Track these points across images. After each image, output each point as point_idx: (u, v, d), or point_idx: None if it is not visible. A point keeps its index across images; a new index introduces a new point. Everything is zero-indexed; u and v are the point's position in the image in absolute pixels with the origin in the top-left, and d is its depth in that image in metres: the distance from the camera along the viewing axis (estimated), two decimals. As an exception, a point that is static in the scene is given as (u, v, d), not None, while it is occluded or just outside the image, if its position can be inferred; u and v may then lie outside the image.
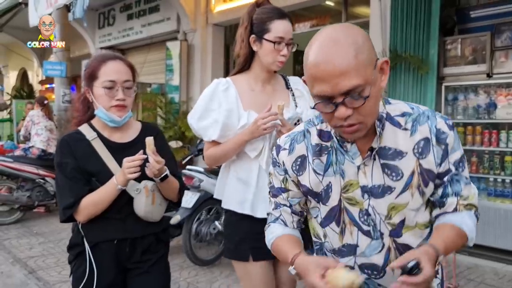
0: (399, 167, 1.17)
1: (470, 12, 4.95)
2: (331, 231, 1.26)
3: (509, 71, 4.53)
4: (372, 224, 1.21)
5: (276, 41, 1.90)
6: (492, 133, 4.63)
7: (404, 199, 1.19)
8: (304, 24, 6.95)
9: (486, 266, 4.36)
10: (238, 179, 1.98)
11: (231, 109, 1.94)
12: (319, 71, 1.05)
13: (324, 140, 1.24)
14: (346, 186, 1.21)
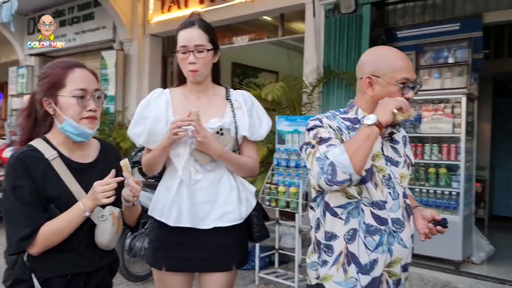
0: (398, 149, 1.70)
1: (397, 32, 5.25)
2: (370, 186, 1.58)
3: (432, 88, 4.84)
4: (392, 187, 1.62)
5: (180, 51, 1.93)
6: (418, 146, 4.91)
7: (405, 171, 1.70)
8: (242, 38, 7.04)
9: (413, 272, 4.58)
10: (164, 187, 2.00)
11: (158, 115, 1.96)
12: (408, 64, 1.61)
13: (353, 123, 1.65)
14: (374, 156, 1.60)
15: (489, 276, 4.52)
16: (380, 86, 1.59)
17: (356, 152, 1.45)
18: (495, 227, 6.63)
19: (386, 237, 1.59)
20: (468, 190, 4.87)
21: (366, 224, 1.58)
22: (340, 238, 1.61)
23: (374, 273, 1.58)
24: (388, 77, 1.57)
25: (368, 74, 1.61)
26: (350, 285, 1.59)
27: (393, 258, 1.59)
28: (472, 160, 5.01)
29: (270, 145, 5.00)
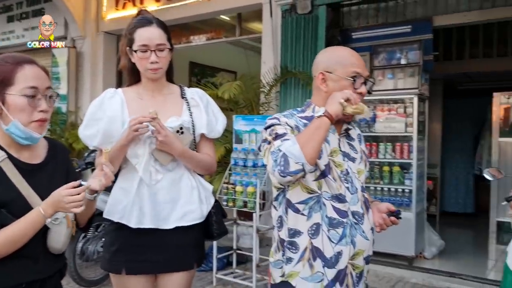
0: (354, 145, 1.75)
1: (352, 33, 5.35)
2: (329, 180, 1.63)
3: (385, 89, 4.97)
4: (350, 181, 1.67)
5: (140, 50, 1.89)
6: (373, 145, 5.03)
7: (362, 167, 1.76)
8: (199, 37, 6.97)
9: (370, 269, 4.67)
10: (121, 188, 1.94)
11: (114, 116, 1.90)
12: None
13: (310, 121, 1.60)
14: (331, 152, 1.65)
15: (440, 270, 4.68)
16: (333, 81, 1.65)
17: (307, 142, 1.49)
18: (446, 222, 6.89)
19: (349, 229, 1.63)
20: (420, 187, 5.03)
21: (328, 217, 1.62)
22: (304, 234, 1.63)
23: (339, 266, 1.61)
24: (340, 72, 1.64)
25: (321, 71, 1.67)
26: (317, 280, 1.61)
27: (356, 250, 1.64)
28: (423, 159, 5.18)
29: (228, 145, 4.98)
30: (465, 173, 7.57)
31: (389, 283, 4.30)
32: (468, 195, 7.55)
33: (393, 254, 4.84)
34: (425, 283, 4.33)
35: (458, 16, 4.88)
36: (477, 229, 6.49)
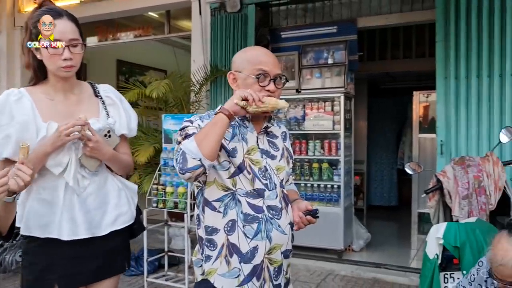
0: (276, 143, 1.78)
1: (281, 32, 5.43)
2: (244, 177, 1.65)
3: (313, 87, 5.09)
4: (269, 178, 1.70)
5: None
6: (302, 143, 5.13)
7: (283, 164, 1.77)
8: (126, 34, 6.74)
9: (300, 264, 4.78)
10: (41, 200, 1.76)
11: (26, 121, 1.72)
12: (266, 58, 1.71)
13: None
14: (249, 150, 1.68)
15: (367, 261, 4.87)
16: (241, 80, 1.71)
17: (204, 138, 1.52)
18: (372, 216, 7.22)
19: (264, 224, 1.65)
20: (348, 182, 5.21)
21: (243, 213, 1.64)
22: (221, 231, 1.65)
23: (255, 261, 1.63)
24: (247, 70, 1.69)
25: (233, 71, 1.74)
26: (233, 276, 1.63)
27: (273, 245, 1.66)
28: (351, 155, 5.37)
29: (157, 145, 4.86)
30: (389, 168, 7.96)
31: (320, 277, 4.42)
32: (392, 189, 7.95)
33: (324, 248, 4.99)
34: (353, 274, 4.48)
35: (380, 18, 5.11)
36: (400, 221, 6.85)
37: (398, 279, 4.33)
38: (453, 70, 4.24)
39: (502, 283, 1.72)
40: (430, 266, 2.51)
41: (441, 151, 4.33)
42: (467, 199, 3.21)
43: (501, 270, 1.69)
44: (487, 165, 3.26)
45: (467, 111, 4.19)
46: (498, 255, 1.70)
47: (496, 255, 1.71)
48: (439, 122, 4.34)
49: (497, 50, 4.08)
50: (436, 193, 3.35)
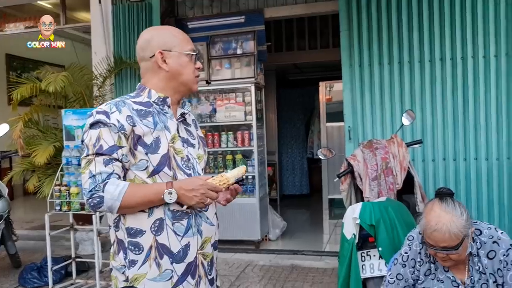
0: (192, 131, 1.68)
1: (188, 23, 5.28)
2: (164, 175, 1.51)
3: (224, 78, 5.02)
4: (192, 167, 1.59)
5: None
6: (215, 135, 5.04)
7: (202, 152, 1.69)
8: (15, 25, 6.12)
9: (219, 258, 4.65)
10: None
11: None
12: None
13: (146, 107, 1.56)
14: (172, 138, 1.56)
15: (284, 249, 4.94)
16: (173, 59, 1.58)
17: (130, 206, 1.47)
18: (286, 205, 7.36)
19: (194, 219, 1.55)
20: (261, 173, 5.22)
21: (171, 210, 1.52)
22: (147, 232, 1.51)
23: (188, 259, 1.54)
24: (179, 48, 1.58)
25: (159, 50, 1.57)
26: (166, 278, 1.51)
27: (204, 238, 1.59)
28: (263, 145, 5.38)
29: (57, 144, 4.47)
30: (299, 157, 8.17)
31: (239, 269, 4.37)
32: (303, 177, 8.17)
33: (241, 240, 4.96)
34: (272, 263, 4.50)
35: (286, 8, 5.17)
36: (313, 208, 7.07)
37: (315, 264, 4.42)
38: (357, 58, 4.42)
39: (435, 248, 1.78)
40: (348, 246, 2.56)
41: (349, 136, 4.49)
42: (376, 180, 3.33)
43: (434, 236, 1.74)
44: (392, 147, 3.41)
45: (372, 97, 4.39)
46: (432, 221, 1.75)
47: (430, 222, 1.75)
48: (346, 109, 4.50)
49: (395, 39, 4.32)
50: (348, 176, 3.45)
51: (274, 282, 4.01)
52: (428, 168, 4.28)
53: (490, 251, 1.82)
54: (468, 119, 4.16)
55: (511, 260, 1.79)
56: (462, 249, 1.75)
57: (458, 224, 1.72)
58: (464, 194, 4.21)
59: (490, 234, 1.84)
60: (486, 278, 1.82)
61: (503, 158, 4.12)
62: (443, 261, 1.82)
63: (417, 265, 1.95)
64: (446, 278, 1.89)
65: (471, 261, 1.85)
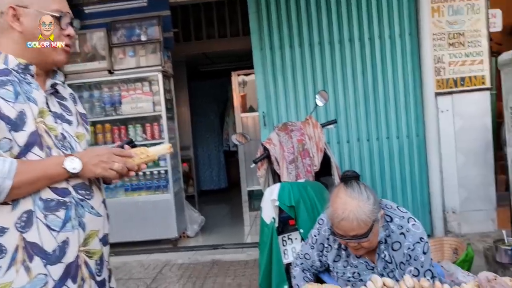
0: (68, 106, 1.42)
1: (83, 8, 4.81)
2: (34, 157, 1.23)
3: (128, 67, 4.63)
4: (70, 147, 1.33)
5: None
6: (121, 129, 4.65)
7: (82, 131, 1.43)
8: None
9: (133, 261, 4.34)
10: None
11: None
12: None
13: (5, 75, 1.25)
14: (40, 113, 1.28)
15: (204, 245, 4.70)
16: (30, 18, 1.29)
17: (23, 187, 1.18)
18: (204, 201, 7.10)
19: (74, 209, 1.27)
20: (175, 167, 4.92)
21: (43, 200, 1.23)
22: (11, 229, 1.19)
23: (68, 258, 1.25)
24: (38, 5, 1.30)
25: (11, 5, 1.28)
26: (38, 285, 1.20)
27: (88, 232, 1.32)
28: (175, 138, 5.09)
29: None
30: (216, 151, 7.95)
31: (156, 270, 4.05)
32: (221, 172, 7.96)
33: (157, 239, 4.65)
34: (191, 261, 4.24)
35: (194, -7, 4.91)
36: (232, 202, 6.88)
37: (236, 257, 4.24)
38: (267, 41, 4.29)
39: (345, 238, 1.63)
40: (268, 231, 2.39)
41: (264, 122, 4.36)
42: (293, 163, 3.22)
43: (342, 226, 1.60)
44: (308, 128, 3.32)
45: (284, 80, 4.29)
46: (338, 209, 1.60)
47: (337, 210, 1.60)
48: (259, 94, 4.35)
49: (305, 21, 4.25)
50: (265, 161, 3.30)
51: (194, 280, 3.76)
52: (343, 150, 4.27)
53: (395, 242, 1.70)
54: (379, 98, 4.21)
55: (415, 255, 1.66)
56: (372, 235, 1.61)
57: (366, 210, 1.57)
58: (379, 174, 4.26)
59: (400, 224, 1.70)
60: (393, 268, 1.71)
61: (413, 135, 4.23)
62: (355, 250, 1.69)
63: (325, 250, 1.83)
64: (360, 263, 1.77)
65: (379, 248, 1.72)
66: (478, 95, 4.15)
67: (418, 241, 1.66)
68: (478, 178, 4.14)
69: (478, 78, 4.15)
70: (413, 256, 1.65)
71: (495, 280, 1.45)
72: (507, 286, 1.45)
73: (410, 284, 1.55)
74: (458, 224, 4.16)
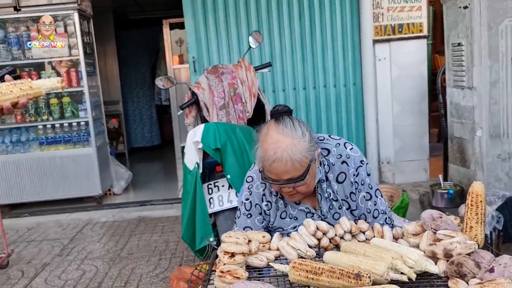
0: None
1: None
2: None
3: (38, 4, 4.06)
4: None
5: None
6: (33, 75, 4.10)
7: None
8: None
9: (50, 221, 3.95)
10: None
11: None
12: None
13: None
14: None
15: (131, 201, 4.39)
16: None
17: None
18: (136, 158, 6.71)
19: None
20: (98, 118, 4.49)
21: None
22: None
23: None
24: None
25: None
26: None
27: None
28: (98, 86, 4.62)
29: None
30: (147, 106, 7.48)
31: (76, 229, 3.70)
32: (153, 128, 7.53)
33: (79, 198, 4.28)
34: (116, 218, 3.92)
35: None
36: (165, 159, 6.52)
37: (166, 213, 3.98)
38: (197, -21, 3.89)
39: (278, 183, 1.39)
40: (192, 178, 2.12)
41: (194, 68, 4.02)
42: (224, 109, 2.95)
43: (275, 168, 1.35)
44: (240, 72, 3.04)
45: (216, 22, 3.95)
46: (269, 149, 1.34)
47: (268, 150, 1.35)
48: (189, 38, 3.99)
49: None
50: (193, 108, 3.01)
51: (118, 238, 3.46)
52: (279, 98, 4.05)
53: (339, 174, 1.50)
54: (316, 43, 3.99)
55: (361, 179, 1.50)
56: (310, 177, 1.39)
57: (301, 148, 1.35)
58: (315, 124, 4.11)
59: (339, 153, 1.51)
60: (339, 205, 1.50)
61: (350, 84, 4.08)
62: (290, 196, 1.45)
63: (265, 209, 1.53)
64: (300, 212, 1.52)
65: (319, 189, 1.50)
66: (416, 43, 4.03)
67: (360, 165, 1.50)
68: (413, 128, 4.09)
69: (416, 25, 4.02)
70: (360, 181, 1.50)
71: (440, 218, 1.28)
72: (453, 224, 1.29)
73: (346, 226, 1.36)
74: (392, 175, 4.12)
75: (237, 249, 1.21)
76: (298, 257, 1.27)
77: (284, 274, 1.18)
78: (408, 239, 1.31)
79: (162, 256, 3.08)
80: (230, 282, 1.10)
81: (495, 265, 1.04)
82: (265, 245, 1.36)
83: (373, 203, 1.51)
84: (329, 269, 1.08)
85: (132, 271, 2.85)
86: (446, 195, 2.57)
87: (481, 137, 2.43)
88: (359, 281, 1.03)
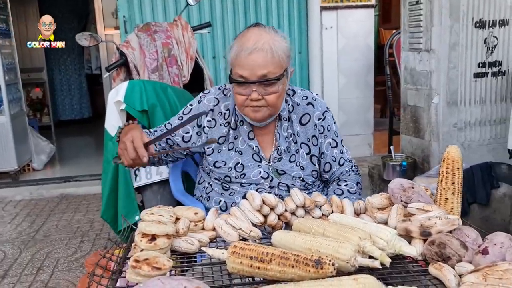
0: None
1: None
2: None
3: None
4: None
5: None
6: None
7: None
8: None
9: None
10: None
11: None
12: None
13: None
14: None
15: (53, 177, 3.93)
16: None
17: None
18: (63, 132, 6.14)
19: None
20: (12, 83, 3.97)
21: None
22: None
23: None
24: None
25: None
26: None
27: None
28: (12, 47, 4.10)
29: None
30: (76, 75, 6.85)
31: None
32: (83, 99, 6.93)
33: (-10, 173, 3.76)
34: (33, 196, 3.48)
35: None
36: (96, 133, 6.00)
37: (92, 189, 3.58)
38: None
39: (249, 81, 1.24)
40: (113, 146, 1.77)
41: (125, 29, 3.60)
42: (157, 72, 2.64)
43: (253, 59, 1.22)
44: (176, 31, 2.72)
45: (150, -23, 3.53)
46: (250, 40, 1.24)
47: (246, 42, 1.23)
48: (120, -6, 3.55)
49: None
50: (121, 70, 2.67)
51: (34, 218, 3.04)
52: (219, 65, 3.74)
53: (304, 115, 1.40)
54: (260, 7, 3.70)
55: (328, 125, 1.42)
56: (282, 86, 1.28)
57: (283, 46, 1.26)
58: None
59: (305, 94, 1.44)
60: (296, 149, 1.38)
61: (295, 52, 3.85)
62: (255, 110, 1.28)
63: (206, 125, 1.37)
64: (248, 149, 1.36)
65: (279, 127, 1.38)
66: (363, 12, 3.86)
67: (326, 110, 1.45)
68: (358, 101, 3.95)
69: (364, -7, 3.84)
70: (326, 127, 1.42)
71: (412, 189, 1.06)
72: (426, 196, 1.07)
73: (299, 200, 1.11)
74: (336, 149, 3.96)
75: (159, 230, 0.92)
76: (239, 239, 1.00)
77: (221, 261, 0.91)
78: (373, 214, 1.08)
79: (85, 238, 2.72)
80: (147, 275, 0.81)
81: (489, 246, 0.82)
82: (198, 224, 1.08)
83: (339, 151, 1.44)
84: (280, 255, 0.82)
85: (47, 256, 2.47)
86: (398, 168, 2.42)
87: (437, 104, 2.28)
88: (320, 269, 0.78)
